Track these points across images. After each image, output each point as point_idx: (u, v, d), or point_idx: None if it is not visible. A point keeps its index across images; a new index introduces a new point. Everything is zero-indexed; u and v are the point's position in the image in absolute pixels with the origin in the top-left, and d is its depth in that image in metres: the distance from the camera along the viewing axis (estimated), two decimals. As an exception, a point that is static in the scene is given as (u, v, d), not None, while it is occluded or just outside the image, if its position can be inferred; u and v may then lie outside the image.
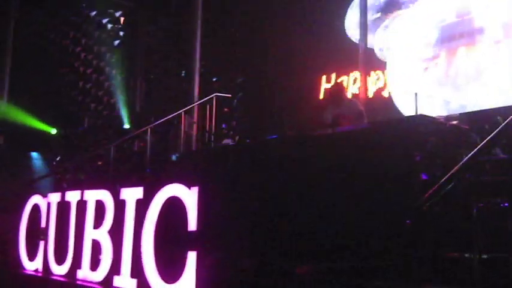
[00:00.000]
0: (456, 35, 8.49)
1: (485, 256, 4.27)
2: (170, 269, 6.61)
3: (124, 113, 15.80)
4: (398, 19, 9.80)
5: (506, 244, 4.25)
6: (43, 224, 9.01)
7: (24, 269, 9.18)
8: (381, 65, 10.61)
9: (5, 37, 14.99)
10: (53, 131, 15.07)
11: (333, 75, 11.66)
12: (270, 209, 6.69)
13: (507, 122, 4.54)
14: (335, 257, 5.80)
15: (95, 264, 7.68)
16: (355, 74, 11.11)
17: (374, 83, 10.44)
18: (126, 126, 15.09)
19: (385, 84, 10.16)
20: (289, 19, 13.33)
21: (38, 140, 15.22)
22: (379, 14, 11.11)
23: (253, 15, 15.54)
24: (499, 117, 6.30)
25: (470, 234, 4.29)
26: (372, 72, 10.65)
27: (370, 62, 10.41)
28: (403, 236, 4.87)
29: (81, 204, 8.22)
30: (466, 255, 4.37)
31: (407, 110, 8.28)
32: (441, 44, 8.74)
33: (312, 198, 6.32)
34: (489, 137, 4.55)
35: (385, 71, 10.20)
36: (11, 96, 14.86)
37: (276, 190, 6.73)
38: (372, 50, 10.66)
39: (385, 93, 10.25)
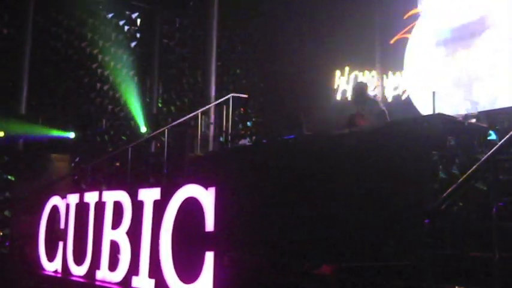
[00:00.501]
0: (472, 33, 8.42)
1: (505, 256, 4.22)
2: (188, 269, 6.63)
3: (140, 115, 15.87)
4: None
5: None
6: (62, 225, 9.09)
7: (43, 269, 9.26)
8: (398, 65, 10.53)
9: (22, 40, 15.11)
10: (71, 135, 15.17)
11: (346, 69, 11.63)
12: (287, 209, 6.67)
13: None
14: (353, 257, 5.78)
15: (113, 265, 7.73)
16: (372, 73, 11.07)
17: (393, 89, 10.41)
18: (143, 129, 15.10)
19: (403, 91, 10.10)
20: (305, 17, 13.31)
21: (57, 141, 15.34)
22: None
23: (269, 15, 15.55)
24: (518, 115, 6.25)
25: (489, 234, 4.25)
26: (390, 73, 10.60)
27: (388, 62, 10.37)
28: (422, 235, 4.84)
29: (100, 205, 8.28)
30: (486, 255, 4.33)
31: (426, 109, 8.22)
32: (458, 42, 8.68)
33: (329, 198, 6.30)
34: (508, 135, 4.51)
35: (402, 72, 10.14)
36: (29, 101, 14.98)
37: (293, 190, 6.72)
38: (390, 49, 10.59)
39: (403, 96, 10.19)
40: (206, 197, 6.41)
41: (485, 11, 8.11)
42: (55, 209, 9.37)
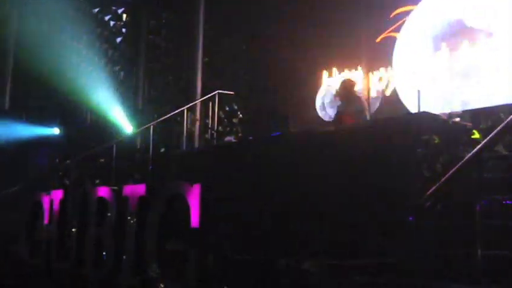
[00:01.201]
0: (459, 31, 8.46)
1: (487, 253, 4.26)
2: (173, 266, 6.63)
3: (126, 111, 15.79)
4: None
5: (508, 241, 4.25)
6: (46, 221, 9.03)
7: (27, 264, 9.20)
8: (385, 62, 10.54)
9: (6, 37, 15.00)
10: (56, 131, 15.07)
11: (334, 70, 11.63)
12: (272, 206, 6.68)
13: (510, 119, 4.52)
14: (337, 254, 5.80)
15: (98, 261, 7.70)
16: (358, 70, 11.08)
17: (378, 80, 10.40)
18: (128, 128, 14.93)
19: (387, 85, 10.13)
20: (293, 14, 13.30)
21: (41, 138, 15.26)
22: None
23: (256, 13, 15.53)
24: (502, 114, 6.30)
25: (473, 232, 4.28)
26: (376, 71, 10.60)
27: (374, 59, 10.39)
28: (406, 233, 4.87)
29: (84, 201, 8.24)
30: (469, 252, 4.37)
31: (413, 107, 8.25)
32: (444, 40, 8.72)
33: (314, 195, 6.31)
34: (492, 134, 4.54)
35: (389, 68, 10.17)
36: (12, 96, 14.88)
37: (278, 187, 6.73)
38: (375, 46, 10.60)
39: (387, 91, 10.21)
40: (191, 193, 6.41)
41: (480, 9, 8.15)
42: (39, 205, 9.31)
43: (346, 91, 8.18)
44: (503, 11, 7.97)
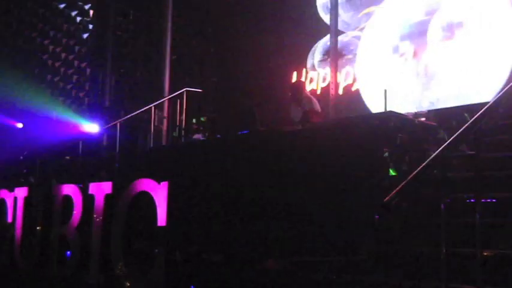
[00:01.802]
0: (426, 31, 8.55)
1: (453, 251, 4.33)
2: (139, 264, 6.59)
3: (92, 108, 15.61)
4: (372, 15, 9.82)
5: (473, 239, 4.31)
6: (9, 219, 8.89)
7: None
8: (351, 61, 10.65)
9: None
10: (20, 125, 14.83)
11: (304, 71, 11.68)
12: (240, 205, 6.68)
13: (474, 119, 4.60)
14: (304, 252, 5.83)
15: (63, 260, 7.61)
16: (326, 70, 11.12)
17: (344, 79, 10.47)
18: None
19: (354, 80, 10.20)
20: (262, 14, 13.33)
21: (4, 133, 15.02)
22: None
23: (224, 10, 15.50)
24: (466, 114, 6.40)
25: (438, 230, 4.35)
26: (342, 69, 10.67)
27: (341, 58, 10.45)
28: (372, 231, 4.92)
29: (49, 199, 8.13)
30: (434, 250, 4.43)
31: (377, 106, 8.33)
32: (411, 39, 8.81)
33: (281, 193, 6.33)
34: (456, 134, 4.62)
35: (354, 66, 10.25)
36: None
37: (246, 185, 6.73)
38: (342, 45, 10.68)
39: (354, 89, 10.29)
40: (159, 192, 6.38)
41: (452, 6, 8.23)
42: (2, 203, 9.16)
43: (296, 92, 8.33)
44: (477, 4, 8.05)
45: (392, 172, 5.70)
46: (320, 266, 5.55)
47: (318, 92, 10.84)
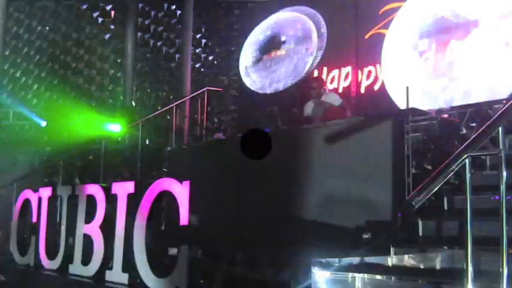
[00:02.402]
0: (447, 29, 8.46)
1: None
2: (162, 263, 6.62)
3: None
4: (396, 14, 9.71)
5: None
6: (34, 219, 8.99)
7: (16, 263, 9.16)
8: (374, 60, 10.54)
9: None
10: (43, 124, 15.01)
11: (325, 69, 11.61)
12: (262, 203, 6.68)
13: (499, 114, 4.53)
14: (332, 250, 5.81)
15: (86, 259, 7.67)
16: (347, 69, 11.05)
17: (366, 77, 10.38)
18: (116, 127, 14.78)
19: (376, 78, 10.11)
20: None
21: (28, 133, 15.24)
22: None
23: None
24: (490, 111, 6.32)
25: (460, 229, 4.30)
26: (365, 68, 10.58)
27: (363, 57, 10.36)
28: (394, 228, 4.89)
29: (73, 199, 8.21)
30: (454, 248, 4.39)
31: (402, 103, 8.27)
32: (432, 36, 8.72)
33: (306, 190, 6.32)
34: (480, 131, 4.55)
35: (378, 65, 10.16)
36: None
37: (268, 183, 6.73)
38: (364, 45, 10.58)
39: (376, 88, 10.20)
40: (180, 191, 6.40)
41: (472, 6, 8.14)
42: (27, 203, 9.26)
43: (316, 90, 8.33)
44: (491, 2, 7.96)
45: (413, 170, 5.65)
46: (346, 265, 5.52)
47: (340, 91, 10.78)
